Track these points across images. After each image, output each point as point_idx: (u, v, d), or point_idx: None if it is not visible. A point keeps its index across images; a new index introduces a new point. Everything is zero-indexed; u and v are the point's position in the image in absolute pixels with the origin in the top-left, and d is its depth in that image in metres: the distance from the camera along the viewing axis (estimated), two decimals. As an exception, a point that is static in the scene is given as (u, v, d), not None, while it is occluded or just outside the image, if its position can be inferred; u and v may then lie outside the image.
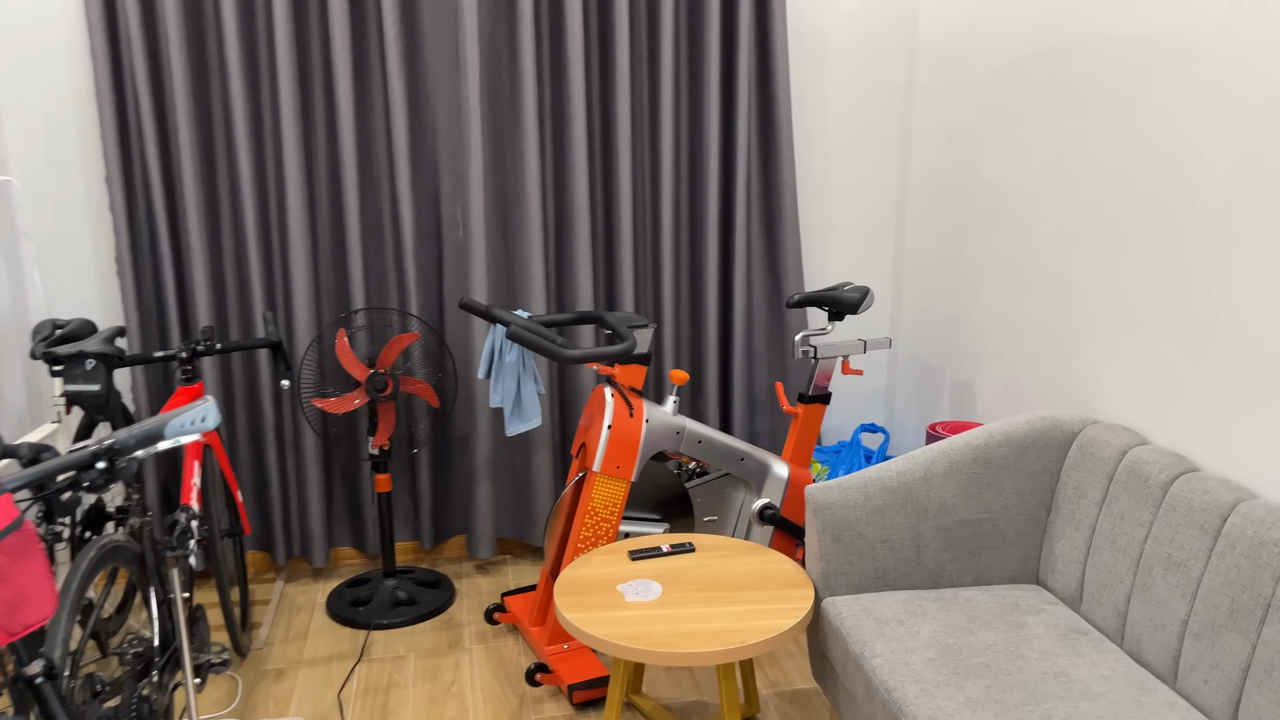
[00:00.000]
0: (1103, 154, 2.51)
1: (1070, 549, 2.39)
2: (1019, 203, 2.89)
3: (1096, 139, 2.53)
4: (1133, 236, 2.41)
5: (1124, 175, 2.44)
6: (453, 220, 3.39)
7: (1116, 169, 2.47)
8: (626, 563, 2.59)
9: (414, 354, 3.31)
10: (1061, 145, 2.68)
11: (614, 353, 2.62)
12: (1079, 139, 2.61)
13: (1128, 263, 2.43)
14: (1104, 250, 2.52)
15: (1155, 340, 2.35)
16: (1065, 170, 2.67)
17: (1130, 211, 2.42)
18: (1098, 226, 2.54)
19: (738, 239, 3.46)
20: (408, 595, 3.28)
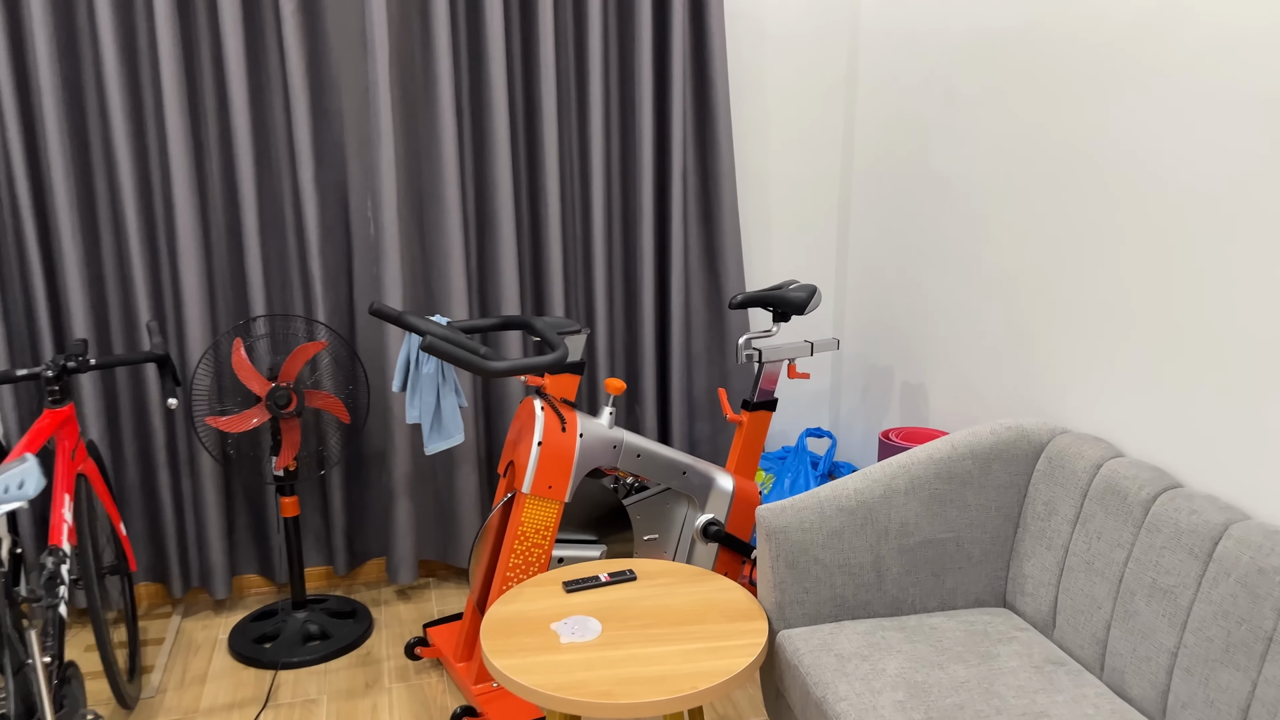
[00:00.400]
0: (1066, 143, 2.33)
1: (1041, 570, 2.22)
2: (973, 196, 2.70)
3: (1059, 127, 2.35)
4: (1101, 230, 2.24)
5: (1091, 165, 2.26)
6: (362, 216, 3.09)
7: (1082, 159, 2.29)
8: (561, 595, 2.34)
9: (321, 365, 3.01)
10: (1020, 135, 2.50)
11: (544, 363, 2.36)
12: (1039, 128, 2.42)
13: (1096, 258, 2.26)
14: (1069, 245, 2.34)
15: (1128, 341, 2.18)
16: (1025, 161, 2.49)
17: (1098, 203, 2.24)
18: (1062, 220, 2.37)
19: (674, 234, 3.23)
20: (320, 628, 2.99)
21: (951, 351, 2.85)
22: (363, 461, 3.25)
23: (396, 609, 3.20)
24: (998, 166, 2.59)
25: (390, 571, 3.20)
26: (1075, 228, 2.32)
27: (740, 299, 2.83)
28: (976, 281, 2.71)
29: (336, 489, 3.18)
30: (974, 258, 2.72)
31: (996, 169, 2.60)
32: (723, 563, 2.94)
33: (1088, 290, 2.29)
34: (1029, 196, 2.48)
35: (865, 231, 3.31)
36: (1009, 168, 2.54)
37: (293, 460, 2.84)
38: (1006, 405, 2.62)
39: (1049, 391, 2.45)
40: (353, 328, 3.16)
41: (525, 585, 2.40)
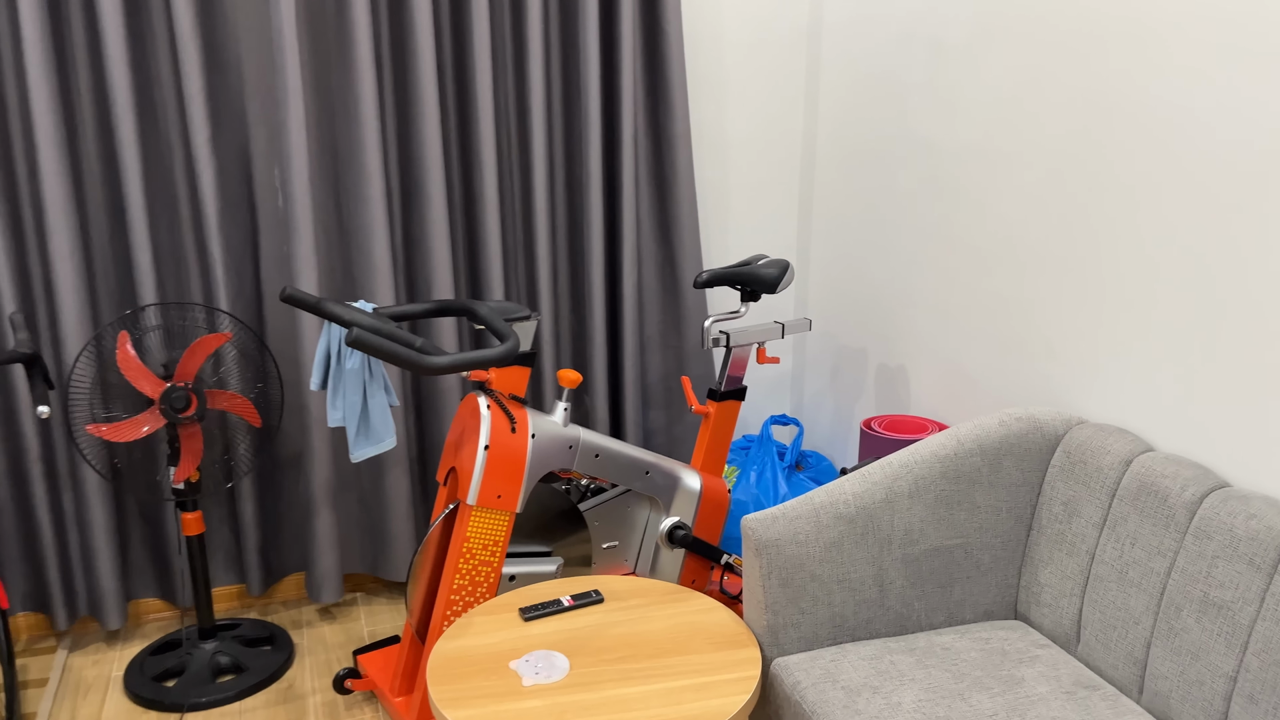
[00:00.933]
0: (1082, 96, 2.07)
1: (1060, 578, 1.97)
2: (964, 159, 2.44)
3: (1073, 78, 2.09)
4: (1122, 191, 1.99)
5: (1108, 122, 2.00)
6: (269, 186, 2.69)
7: (1097, 116, 2.03)
8: (518, 624, 2.03)
9: (226, 360, 2.61)
10: (1022, 88, 2.23)
11: (492, 357, 2.02)
12: (1047, 79, 2.16)
13: (1116, 223, 2.01)
14: (1082, 210, 2.09)
15: (1154, 317, 1.94)
16: (1030, 117, 2.22)
17: (1120, 162, 1.99)
18: (1075, 183, 2.11)
19: (625, 204, 2.90)
20: (232, 660, 2.61)
21: (937, 331, 2.59)
22: (278, 467, 2.87)
23: (321, 631, 2.83)
24: (993, 125, 2.32)
25: (312, 589, 2.84)
26: (1091, 190, 2.06)
27: (706, 277, 2.53)
28: (966, 253, 2.45)
29: (248, 499, 2.79)
30: (963, 228, 2.45)
31: (992, 128, 2.33)
32: (690, 569, 2.65)
33: (1106, 260, 2.04)
34: (1033, 158, 2.21)
35: (832, 199, 3.03)
36: (1008, 126, 2.28)
37: (194, 471, 2.45)
38: (1005, 392, 2.37)
39: (1059, 376, 2.20)
40: (261, 316, 2.76)
41: (475, 613, 2.07)
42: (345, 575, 3.04)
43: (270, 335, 2.77)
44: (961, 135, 2.43)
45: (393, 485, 2.84)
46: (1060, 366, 2.19)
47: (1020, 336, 2.30)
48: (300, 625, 2.86)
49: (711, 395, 2.64)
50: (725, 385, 2.63)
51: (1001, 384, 2.38)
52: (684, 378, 2.63)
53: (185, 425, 2.39)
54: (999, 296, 2.35)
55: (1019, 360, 2.31)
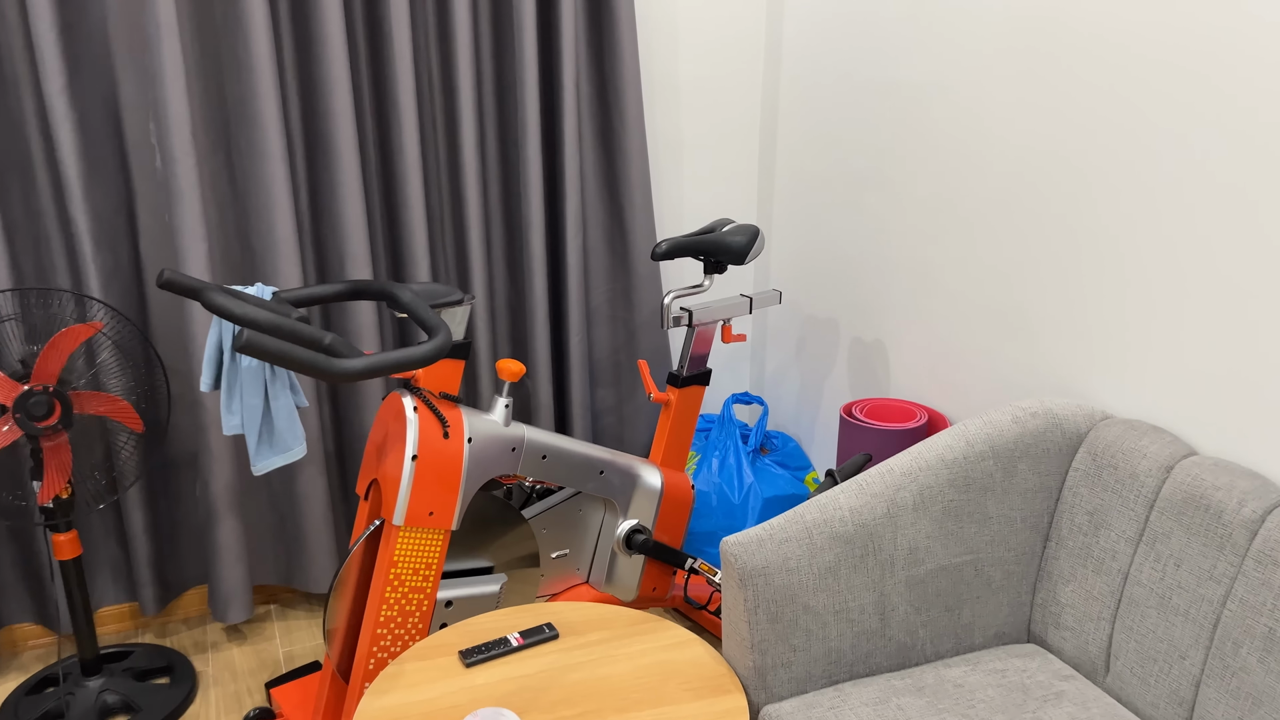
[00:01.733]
0: (1108, 27, 1.77)
1: (1085, 599, 1.72)
2: (953, 110, 2.12)
3: (1094, 9, 1.78)
4: (1156, 143, 1.70)
5: (1142, 55, 1.70)
6: (144, 143, 2.27)
7: (1125, 49, 1.73)
8: (458, 671, 1.71)
9: (100, 355, 2.21)
10: (1026, 24, 1.92)
11: (418, 356, 1.67)
12: (1061, 10, 1.85)
13: (1148, 181, 1.72)
14: (1098, 170, 1.80)
15: (1195, 293, 1.67)
16: (1035, 59, 1.91)
17: (1151, 107, 1.70)
18: (1096, 128, 1.81)
19: (567, 158, 2.53)
20: (122, 699, 2.25)
21: (920, 303, 2.30)
22: (170, 467, 2.48)
23: (229, 655, 2.48)
24: (992, 68, 2.01)
25: (216, 608, 2.48)
26: (1118, 138, 1.77)
27: (665, 247, 2.19)
28: (956, 217, 2.16)
29: (136, 506, 2.41)
30: (952, 188, 2.15)
31: (990, 71, 2.02)
32: (650, 576, 2.35)
33: (1133, 224, 1.76)
34: (1043, 102, 1.91)
35: (798, 153, 2.71)
36: (1011, 67, 1.97)
37: (64, 487, 2.06)
38: (1003, 375, 2.09)
39: (1072, 360, 1.93)
40: (142, 300, 2.35)
41: (407, 659, 1.75)
42: (256, 587, 2.68)
43: (155, 322, 2.36)
44: (951, 79, 2.11)
45: (307, 485, 2.48)
46: (1074, 349, 1.92)
47: (1022, 312, 2.02)
48: (204, 648, 2.51)
49: (672, 381, 2.33)
50: (688, 368, 2.32)
51: (999, 367, 2.10)
52: (640, 361, 2.31)
53: (49, 436, 2.00)
54: (996, 266, 2.06)
55: (1021, 340, 2.03)
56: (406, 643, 1.95)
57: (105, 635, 2.55)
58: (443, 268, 2.58)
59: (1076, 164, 1.85)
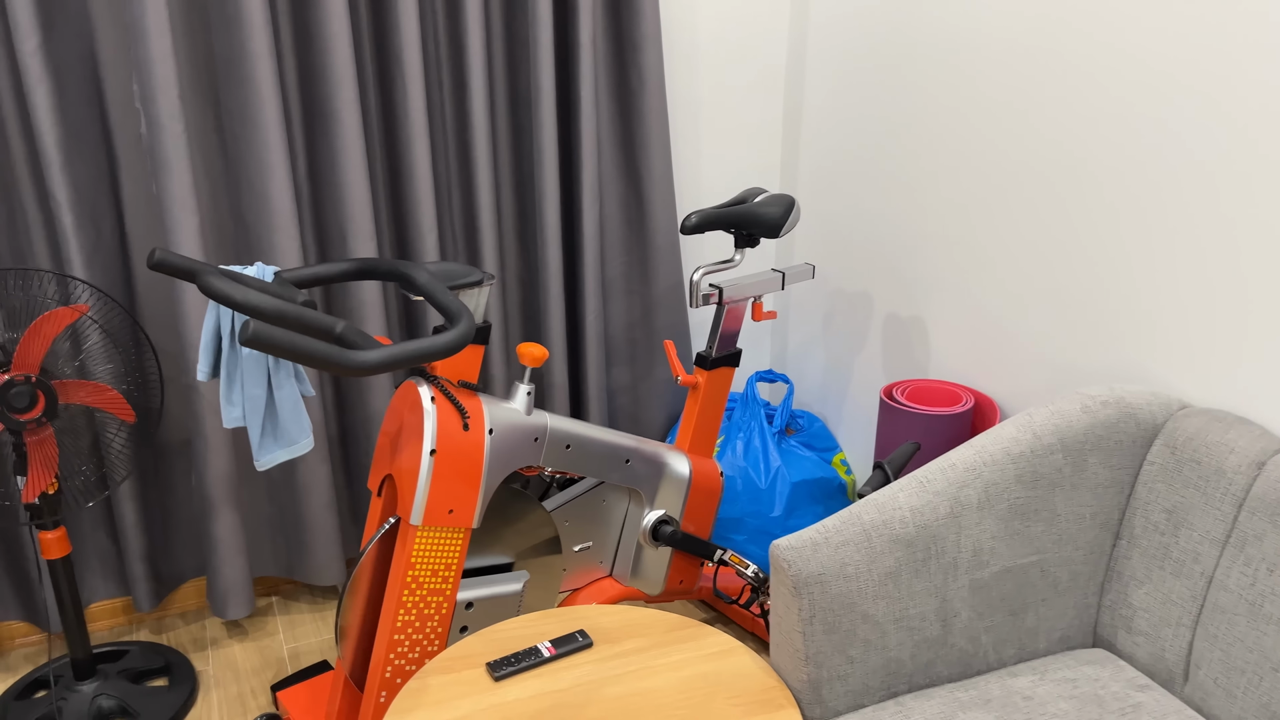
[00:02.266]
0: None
1: (1162, 602, 1.60)
2: (1005, 65, 1.96)
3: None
4: (1247, 102, 1.55)
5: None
6: (127, 107, 2.08)
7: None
8: (486, 686, 1.58)
9: (86, 341, 2.04)
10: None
11: (441, 347, 1.52)
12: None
13: (1231, 144, 1.57)
14: (1173, 134, 1.65)
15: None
16: (1105, 6, 1.76)
17: (1248, 61, 1.54)
18: (1178, 94, 1.66)
19: (583, 122, 2.36)
20: (118, 703, 2.12)
21: (964, 277, 2.16)
22: (163, 456, 2.32)
23: (230, 653, 2.34)
24: (1054, 13, 1.85)
25: (215, 603, 2.33)
26: (1198, 93, 1.62)
27: (695, 220, 2.03)
28: (1008, 183, 2.00)
29: (128, 497, 2.25)
30: (1003, 151, 2.00)
31: (1048, 19, 1.85)
32: (677, 568, 2.22)
33: (1221, 191, 1.61)
34: (1114, 59, 1.75)
35: (826, 113, 2.54)
36: (1079, 13, 1.81)
37: (51, 483, 1.91)
38: (1061, 357, 1.96)
39: (1143, 342, 1.79)
40: (128, 277, 2.18)
41: (430, 672, 1.61)
42: (256, 579, 2.54)
43: (142, 301, 2.19)
44: (1000, 31, 1.95)
45: (308, 473, 2.33)
46: (1143, 330, 1.78)
47: (1081, 288, 1.87)
48: (203, 645, 2.37)
49: (700, 362, 2.18)
50: (718, 349, 2.17)
51: (1054, 348, 1.96)
52: (667, 342, 2.16)
53: (31, 430, 1.84)
54: (1052, 238, 1.92)
55: (1080, 319, 1.89)
56: (425, 648, 1.82)
57: (97, 632, 2.41)
58: (450, 241, 2.42)
59: (1145, 125, 1.69)
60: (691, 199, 2.67)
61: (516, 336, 2.59)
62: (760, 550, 2.47)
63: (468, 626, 1.90)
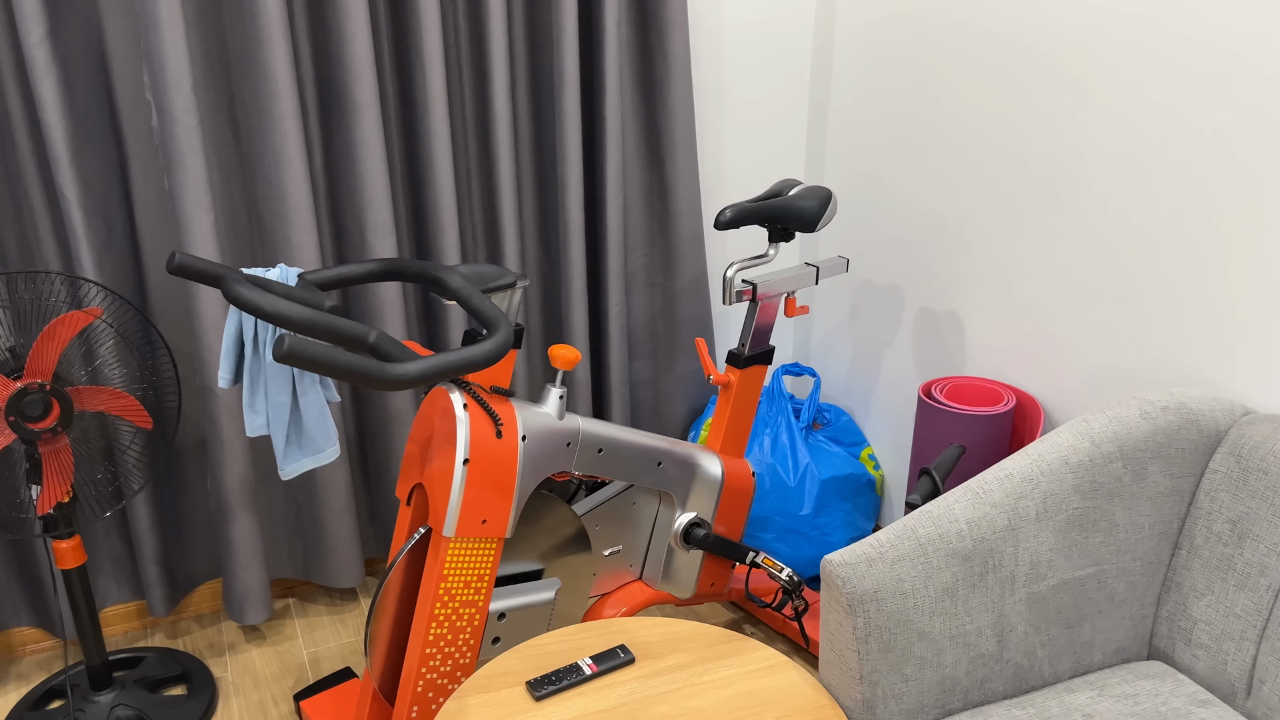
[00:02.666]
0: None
1: (1224, 615, 1.55)
2: (1057, 46, 1.89)
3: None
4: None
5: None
6: (137, 99, 2.00)
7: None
8: (527, 706, 1.52)
9: (100, 345, 1.97)
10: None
11: (481, 357, 1.45)
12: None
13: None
14: (1236, 127, 1.58)
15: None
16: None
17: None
18: (1251, 72, 1.59)
19: (608, 110, 2.28)
20: (137, 713, 2.06)
21: (1005, 272, 2.09)
22: (177, 458, 2.26)
23: (248, 658, 2.29)
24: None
25: (232, 608, 2.28)
26: (1267, 85, 1.55)
27: (730, 215, 1.96)
28: (1056, 174, 1.94)
29: (141, 500, 2.19)
30: (1045, 142, 1.93)
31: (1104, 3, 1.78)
32: (709, 571, 2.17)
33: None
34: (1178, 40, 1.68)
35: (855, 101, 2.46)
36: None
37: (66, 492, 1.84)
38: (1110, 356, 1.90)
39: (1201, 343, 1.73)
40: (140, 275, 2.10)
41: (468, 692, 1.56)
42: (274, 582, 2.48)
43: (155, 300, 2.11)
44: (1060, 12, 1.88)
45: (327, 474, 2.26)
46: (1200, 331, 1.72)
47: (1132, 285, 1.81)
48: (220, 650, 2.31)
49: (733, 361, 2.12)
50: (751, 346, 2.11)
51: (1102, 347, 1.90)
52: (699, 340, 2.09)
53: (45, 440, 1.76)
54: (1102, 233, 1.85)
55: (1130, 317, 1.83)
56: (457, 660, 1.77)
57: (112, 637, 2.35)
58: (471, 235, 2.34)
59: (1207, 105, 1.63)
60: (716, 189, 2.60)
61: (538, 330, 2.52)
62: (789, 549, 2.42)
63: (500, 638, 1.85)
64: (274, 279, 1.67)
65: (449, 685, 1.77)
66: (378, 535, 2.51)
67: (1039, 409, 2.03)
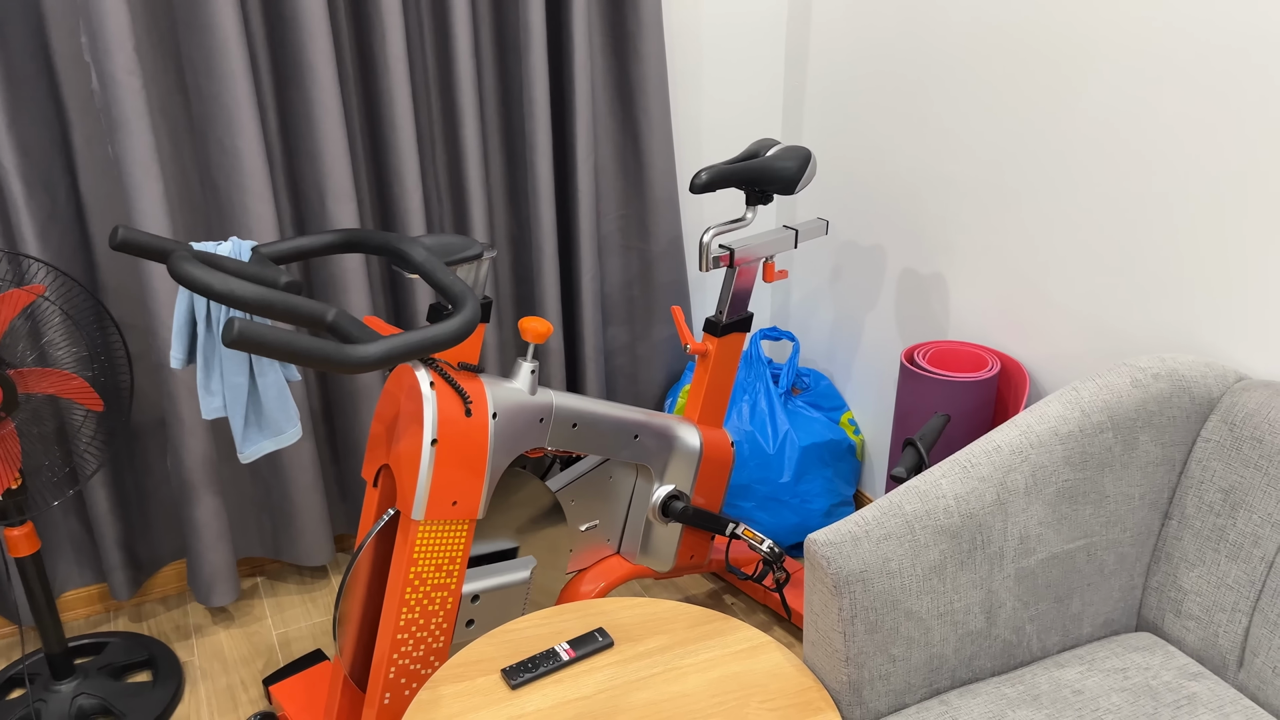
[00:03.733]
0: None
1: (1216, 586, 1.51)
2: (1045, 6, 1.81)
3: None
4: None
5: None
6: (76, 60, 1.88)
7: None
8: (503, 694, 1.47)
9: (45, 325, 1.87)
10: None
11: (449, 335, 1.38)
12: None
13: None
14: (1230, 84, 1.52)
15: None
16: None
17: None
18: (1253, 22, 1.52)
19: (577, 66, 2.19)
20: (100, 702, 2.00)
21: (992, 233, 2.03)
22: (136, 436, 2.17)
23: (216, 641, 2.22)
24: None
25: (198, 590, 2.21)
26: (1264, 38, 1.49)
27: (706, 177, 1.88)
28: (1039, 133, 1.87)
29: (99, 482, 2.11)
30: (1034, 99, 1.86)
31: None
32: (689, 544, 2.12)
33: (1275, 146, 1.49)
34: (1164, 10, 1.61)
35: (833, 52, 2.38)
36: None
37: (15, 478, 1.75)
38: (1099, 320, 1.84)
39: (1192, 306, 1.68)
40: (87, 247, 2.00)
41: (441, 682, 1.50)
42: (240, 561, 2.41)
43: (104, 273, 2.01)
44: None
45: (293, 451, 2.19)
46: (1193, 291, 1.67)
47: (1123, 248, 1.75)
48: (187, 633, 2.24)
49: (710, 329, 2.05)
50: (729, 313, 2.04)
51: (1092, 310, 1.85)
52: (675, 308, 2.02)
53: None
54: (1093, 194, 1.79)
55: (1124, 278, 1.77)
56: (430, 645, 1.71)
57: (73, 621, 2.28)
58: (436, 199, 2.25)
59: (1203, 66, 1.56)
60: (692, 148, 2.51)
61: (509, 296, 2.44)
62: (769, 517, 2.37)
63: (474, 620, 1.79)
64: (226, 254, 1.58)
65: (422, 670, 1.71)
66: (348, 511, 2.44)
67: (1024, 374, 1.98)
